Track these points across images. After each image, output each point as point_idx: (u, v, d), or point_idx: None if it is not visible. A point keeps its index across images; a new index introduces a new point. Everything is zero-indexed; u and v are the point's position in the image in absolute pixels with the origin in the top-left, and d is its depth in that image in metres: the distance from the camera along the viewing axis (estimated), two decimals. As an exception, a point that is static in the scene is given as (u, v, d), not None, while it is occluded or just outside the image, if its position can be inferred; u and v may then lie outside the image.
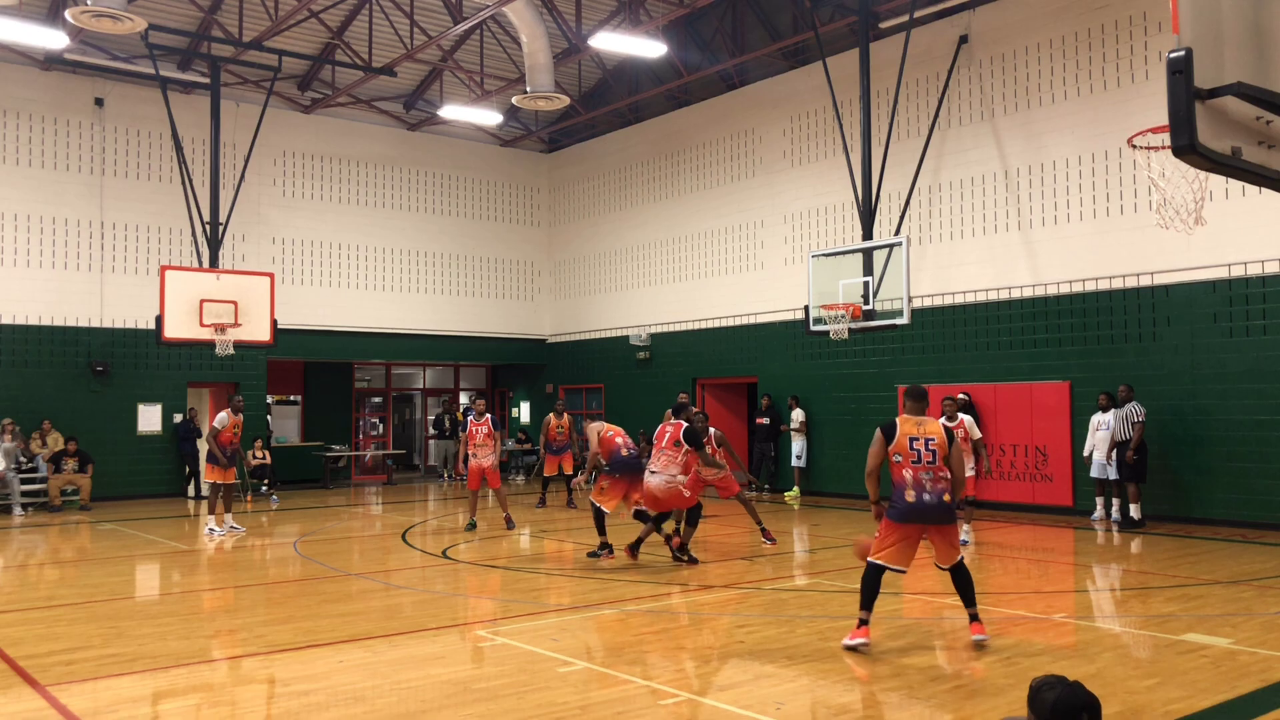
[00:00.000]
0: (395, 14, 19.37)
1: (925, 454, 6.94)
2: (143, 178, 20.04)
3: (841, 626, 7.72)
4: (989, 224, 16.41)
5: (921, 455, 6.94)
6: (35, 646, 7.30)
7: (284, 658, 6.97)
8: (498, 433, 14.23)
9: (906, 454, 6.97)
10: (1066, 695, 3.10)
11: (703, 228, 21.37)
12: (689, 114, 21.76)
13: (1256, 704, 5.72)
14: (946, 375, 16.68)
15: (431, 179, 23.72)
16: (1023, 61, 16.03)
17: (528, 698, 5.86)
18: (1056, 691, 3.12)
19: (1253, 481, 13.33)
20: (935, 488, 6.90)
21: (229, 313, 16.69)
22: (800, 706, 5.79)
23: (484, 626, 7.88)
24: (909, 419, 7.09)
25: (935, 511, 6.91)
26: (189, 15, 18.80)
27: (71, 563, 12.24)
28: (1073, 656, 6.83)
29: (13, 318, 18.53)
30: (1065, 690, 3.12)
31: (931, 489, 6.89)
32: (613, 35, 17.08)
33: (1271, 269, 13.30)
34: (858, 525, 14.46)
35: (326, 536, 14.00)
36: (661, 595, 9.24)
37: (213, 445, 14.00)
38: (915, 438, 6.98)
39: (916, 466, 6.92)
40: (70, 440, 17.89)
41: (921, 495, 6.89)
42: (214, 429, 14.06)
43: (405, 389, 28.02)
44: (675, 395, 21.51)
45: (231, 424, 14.09)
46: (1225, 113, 3.42)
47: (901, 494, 6.97)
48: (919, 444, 6.96)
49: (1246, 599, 8.78)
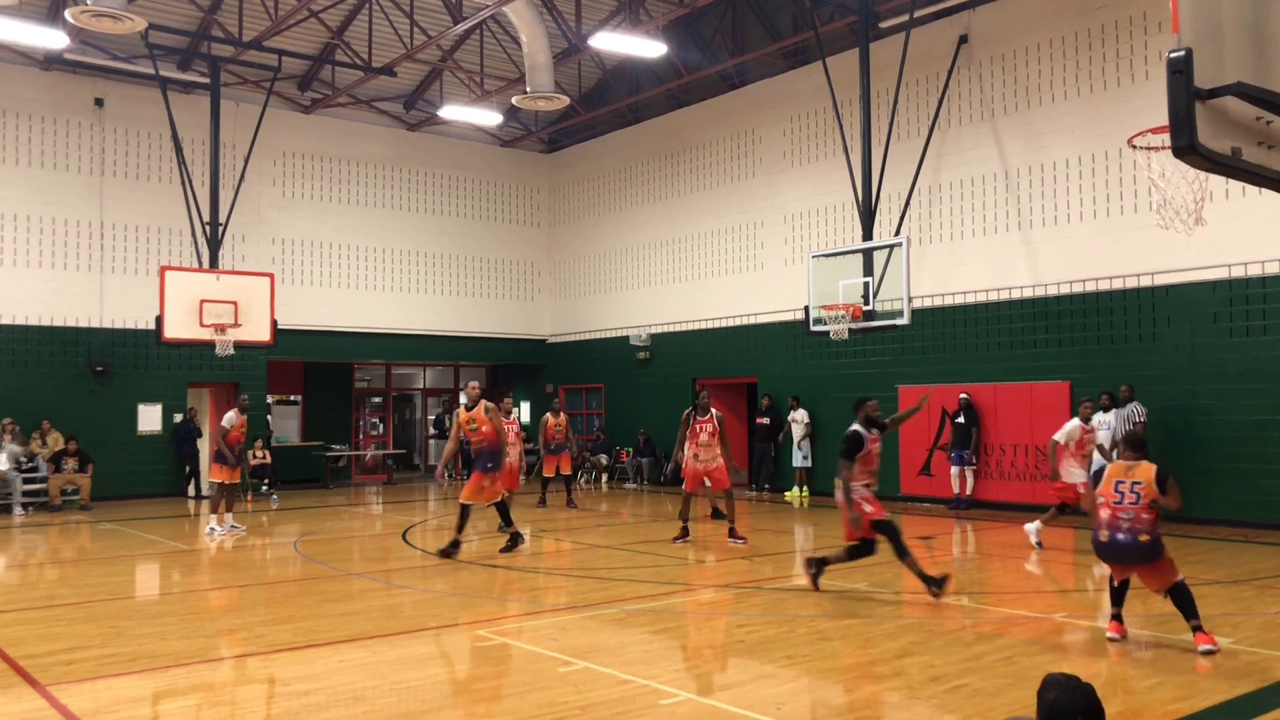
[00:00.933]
0: (395, 14, 19.37)
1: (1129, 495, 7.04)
2: (143, 178, 20.04)
3: (841, 626, 7.73)
4: (989, 224, 16.41)
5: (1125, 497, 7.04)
6: (35, 646, 7.30)
7: (284, 658, 6.97)
8: (523, 432, 14.23)
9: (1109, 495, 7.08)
10: (1066, 699, 3.10)
11: (703, 228, 21.37)
12: (689, 114, 21.76)
13: (1256, 704, 5.72)
14: (946, 375, 16.68)
15: (431, 179, 23.72)
16: (1023, 61, 16.03)
17: (528, 698, 5.86)
18: (1058, 693, 3.12)
19: (1253, 481, 13.33)
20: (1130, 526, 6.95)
21: (229, 313, 16.69)
22: (800, 706, 5.79)
23: (484, 626, 7.88)
24: (1118, 464, 7.25)
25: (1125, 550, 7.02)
26: (189, 15, 18.79)
27: (71, 563, 12.24)
28: (1073, 656, 6.83)
29: (13, 318, 18.53)
30: (1067, 693, 3.11)
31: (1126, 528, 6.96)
32: (613, 35, 17.09)
33: (1271, 269, 13.30)
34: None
35: (327, 536, 14.00)
36: (661, 595, 9.24)
37: (221, 445, 14.02)
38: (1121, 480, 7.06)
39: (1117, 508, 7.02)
40: (70, 440, 17.89)
41: (1115, 534, 7.00)
42: (223, 428, 14.10)
43: (405, 389, 28.03)
44: (675, 395, 21.56)
45: (240, 423, 14.12)
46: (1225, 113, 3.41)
47: (1096, 533, 7.10)
48: (1124, 486, 7.04)
49: (1246, 599, 8.78)
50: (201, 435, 20.06)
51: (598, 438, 23.48)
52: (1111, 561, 7.17)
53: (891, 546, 8.74)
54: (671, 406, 21.45)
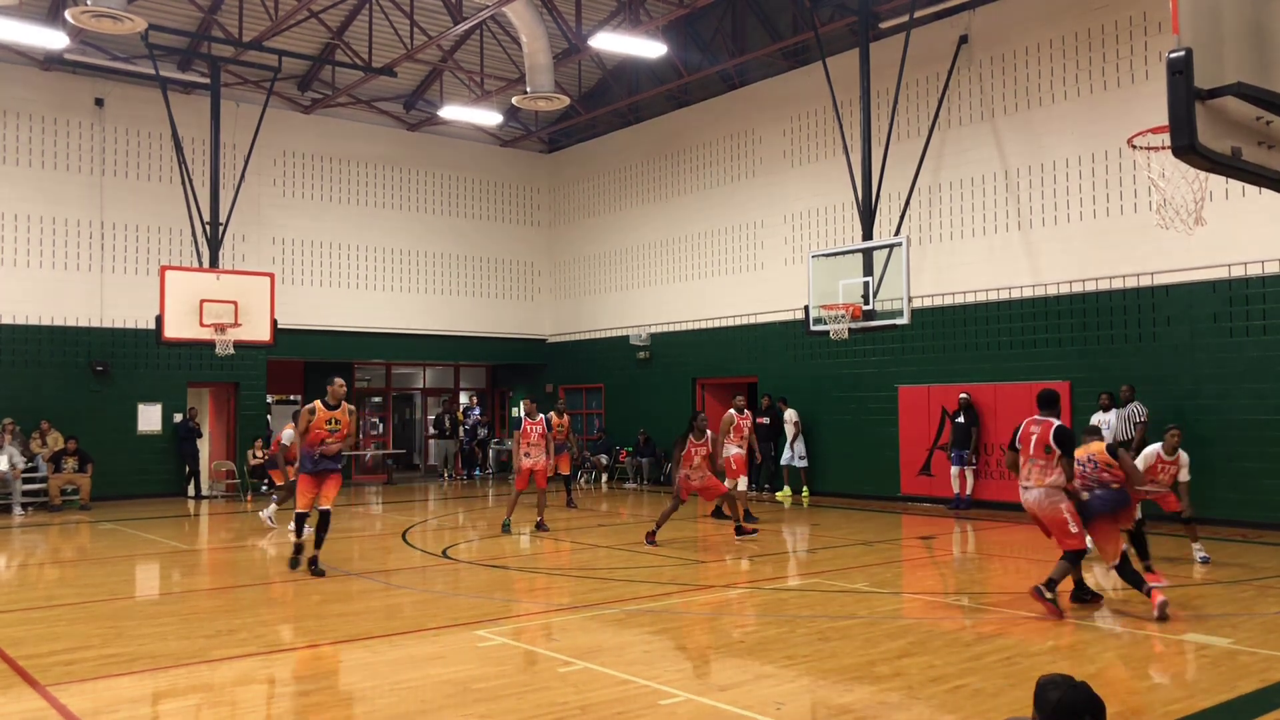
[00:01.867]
0: (395, 14, 19.37)
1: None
2: (143, 178, 20.04)
3: (841, 626, 7.73)
4: (989, 224, 16.41)
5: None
6: (35, 646, 7.30)
7: (284, 658, 6.97)
8: (548, 433, 14.17)
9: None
10: (1071, 696, 3.10)
11: (703, 228, 21.37)
12: (689, 114, 21.76)
13: (1256, 704, 5.72)
14: (946, 375, 16.69)
15: (431, 179, 23.72)
16: (1023, 61, 16.03)
17: (528, 698, 5.86)
18: (1061, 692, 3.11)
19: (1253, 481, 13.33)
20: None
21: (229, 313, 16.69)
22: (800, 706, 5.79)
23: (484, 626, 7.88)
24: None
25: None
26: (189, 15, 18.79)
27: (71, 563, 12.24)
28: (1073, 656, 6.83)
29: (13, 318, 18.53)
30: (1070, 691, 3.11)
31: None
32: (613, 35, 17.08)
33: (1271, 269, 13.30)
34: (858, 525, 14.48)
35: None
36: (661, 595, 9.24)
37: (280, 457, 14.75)
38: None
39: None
40: (70, 440, 17.89)
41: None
42: (284, 446, 14.60)
43: (405, 389, 28.02)
44: (675, 395, 21.58)
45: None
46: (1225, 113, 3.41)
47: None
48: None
49: (1246, 599, 8.78)
50: (201, 435, 20.07)
51: (598, 438, 23.49)
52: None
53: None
54: (671, 406, 21.51)
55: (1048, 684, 3.16)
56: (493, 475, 25.10)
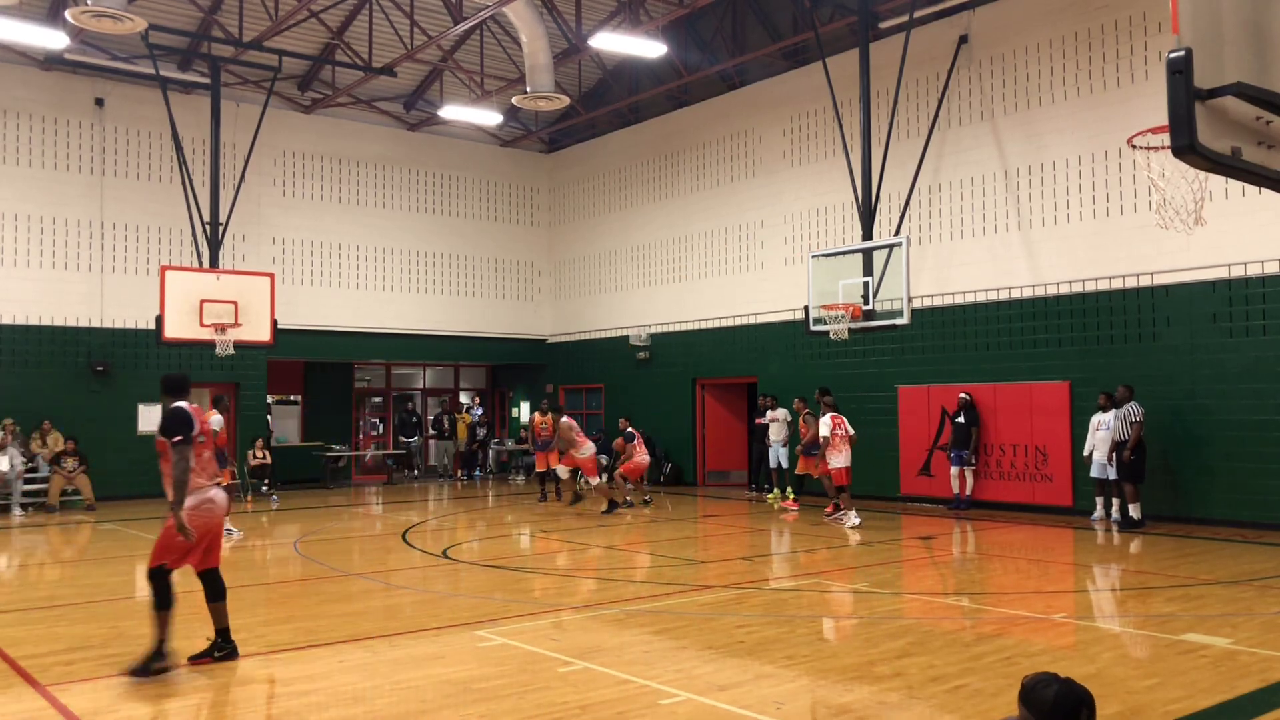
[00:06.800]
0: (395, 14, 19.37)
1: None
2: (143, 178, 20.04)
3: (842, 626, 7.73)
4: (989, 224, 16.41)
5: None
6: (35, 646, 7.30)
7: (284, 658, 6.97)
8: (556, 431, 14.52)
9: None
10: (1065, 691, 3.10)
11: (703, 228, 21.37)
12: (689, 114, 21.75)
13: (1256, 704, 5.72)
14: (946, 375, 16.68)
15: (431, 179, 23.72)
16: (1023, 61, 16.03)
17: (528, 698, 5.86)
18: (1054, 688, 3.11)
19: (1252, 481, 13.33)
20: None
21: (229, 313, 16.69)
22: (800, 706, 5.79)
23: (484, 626, 7.88)
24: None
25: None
26: (189, 15, 18.79)
27: (71, 563, 12.24)
28: (1072, 656, 6.83)
29: (13, 318, 18.53)
30: (1062, 686, 3.11)
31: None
32: (613, 35, 17.08)
33: (1271, 269, 13.30)
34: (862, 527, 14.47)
35: (327, 536, 14.00)
36: (661, 595, 9.24)
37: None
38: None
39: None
40: (70, 440, 17.89)
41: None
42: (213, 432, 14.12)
43: (405, 389, 28.01)
44: (675, 395, 21.57)
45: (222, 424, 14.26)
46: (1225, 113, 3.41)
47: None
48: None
49: (1246, 599, 8.78)
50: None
51: (597, 438, 23.45)
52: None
53: None
54: (672, 406, 21.50)
55: (1038, 682, 3.15)
56: (493, 475, 25.10)
